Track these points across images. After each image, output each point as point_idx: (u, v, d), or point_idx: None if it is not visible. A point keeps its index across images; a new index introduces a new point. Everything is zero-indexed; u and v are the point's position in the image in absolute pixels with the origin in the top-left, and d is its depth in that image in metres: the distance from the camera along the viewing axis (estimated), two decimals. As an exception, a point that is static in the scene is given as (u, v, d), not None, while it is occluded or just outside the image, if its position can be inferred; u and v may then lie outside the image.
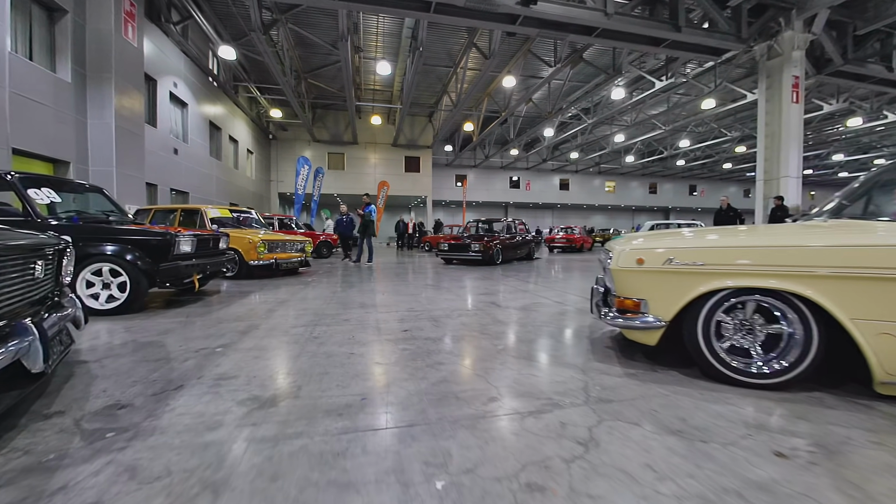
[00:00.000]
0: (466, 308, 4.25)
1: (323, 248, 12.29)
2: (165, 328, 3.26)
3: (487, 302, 4.63)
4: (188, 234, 4.24)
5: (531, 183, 33.74)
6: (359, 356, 2.53)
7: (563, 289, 5.81)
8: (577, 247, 16.87)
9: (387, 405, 1.82)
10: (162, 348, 2.69)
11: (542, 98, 22.46)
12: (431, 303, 4.55)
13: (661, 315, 2.20)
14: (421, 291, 5.47)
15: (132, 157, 10.23)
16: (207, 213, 7.04)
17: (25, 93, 8.00)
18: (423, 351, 2.65)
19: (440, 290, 5.66)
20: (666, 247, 2.20)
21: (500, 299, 4.83)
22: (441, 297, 5.01)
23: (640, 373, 2.26)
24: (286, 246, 7.24)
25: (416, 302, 4.60)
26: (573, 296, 5.14)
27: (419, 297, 4.99)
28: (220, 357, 2.50)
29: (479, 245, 9.55)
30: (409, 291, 5.46)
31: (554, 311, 4.09)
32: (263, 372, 2.24)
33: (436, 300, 4.74)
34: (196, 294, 5.00)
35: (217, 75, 16.17)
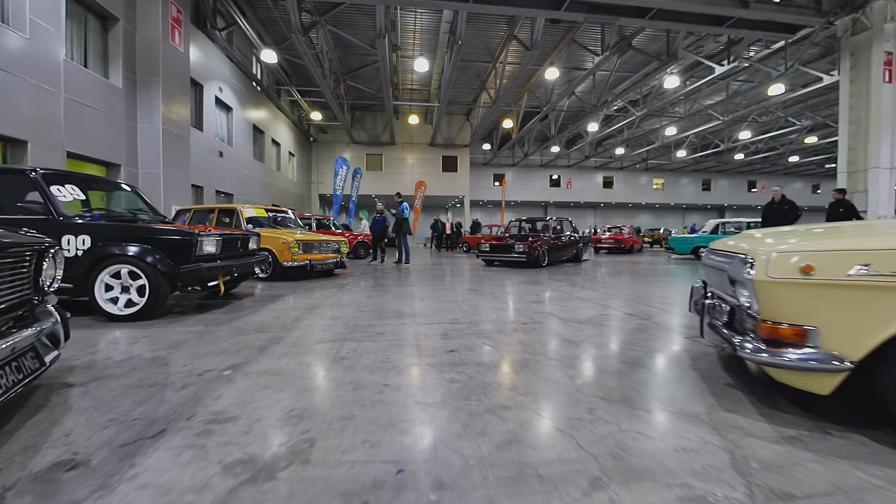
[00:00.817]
0: (520, 320, 3.57)
1: (360, 249, 11.98)
2: (178, 339, 2.83)
3: (544, 312, 3.92)
4: (212, 234, 3.85)
5: (572, 181, 32.26)
6: (394, 390, 1.94)
7: (629, 296, 4.98)
8: (627, 248, 15.60)
9: (434, 487, 1.20)
10: (163, 369, 2.23)
11: (586, 91, 21.25)
12: (477, 312, 3.91)
13: (844, 351, 1.43)
14: (464, 298, 4.84)
15: (178, 160, 10.35)
16: (243, 212, 6.80)
17: (80, 98, 8.18)
18: (476, 385, 2.01)
19: (485, 296, 5.00)
20: (855, 248, 1.43)
21: (557, 309, 4.10)
22: (487, 304, 4.35)
23: (804, 435, 1.50)
24: (321, 247, 6.87)
25: (459, 311, 3.98)
26: (645, 306, 4.32)
27: (462, 304, 4.36)
28: (224, 385, 1.99)
29: (523, 246, 8.80)
30: (450, 298, 4.85)
31: (630, 327, 3.32)
32: (270, 412, 1.69)
33: (482, 309, 4.09)
34: (223, 298, 4.65)
35: (260, 80, 16.40)
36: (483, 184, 30.32)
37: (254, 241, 4.85)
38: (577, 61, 18.53)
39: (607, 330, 3.22)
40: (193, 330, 3.13)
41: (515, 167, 30.86)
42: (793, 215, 7.92)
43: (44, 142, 7.35)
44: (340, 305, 4.25)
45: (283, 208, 7.75)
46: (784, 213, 7.92)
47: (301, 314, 3.77)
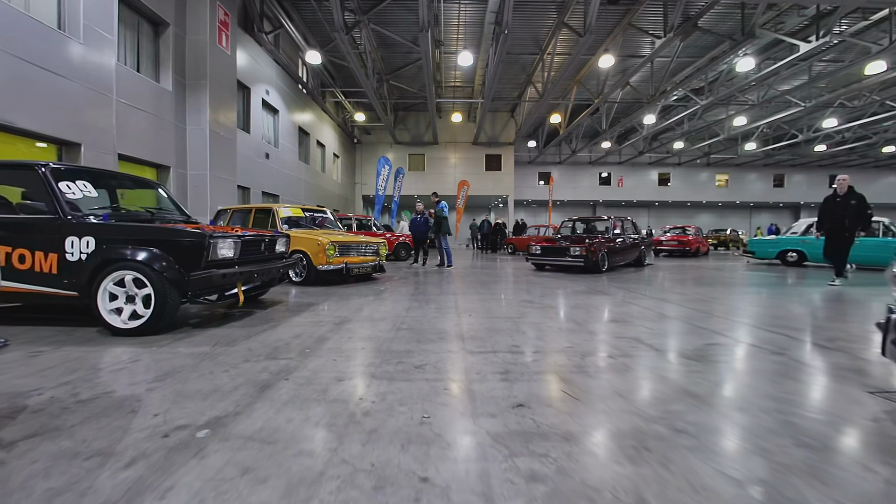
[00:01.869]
0: (602, 350, 2.70)
1: (401, 251, 11.43)
2: (172, 367, 2.26)
3: (629, 338, 3.00)
4: (229, 235, 3.31)
5: (624, 179, 30.13)
6: (437, 491, 1.18)
7: (731, 314, 3.90)
8: (692, 251, 13.91)
9: None
10: (126, 419, 1.62)
11: (642, 80, 19.56)
12: (541, 335, 3.07)
13: None
14: (519, 312, 4.00)
15: (225, 161, 10.31)
16: (279, 212, 6.38)
17: (131, 102, 8.22)
18: (574, 492, 1.20)
19: (545, 310, 4.14)
20: None
21: (645, 333, 3.16)
22: (551, 323, 3.50)
23: None
24: (358, 249, 6.30)
25: (517, 332, 3.16)
26: (762, 330, 3.25)
27: (520, 322, 3.53)
28: (188, 461, 1.32)
29: (579, 248, 7.77)
30: (503, 312, 4.03)
31: (766, 367, 2.34)
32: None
33: (546, 330, 3.24)
34: (244, 308, 4.13)
35: (306, 82, 16.42)
36: (527, 183, 29.06)
37: (282, 242, 4.32)
38: (634, 48, 16.99)
39: (733, 372, 2.27)
40: (196, 352, 2.56)
41: (562, 165, 29.29)
42: (860, 213, 5.97)
43: (96, 144, 7.38)
44: (374, 320, 3.57)
45: (323, 208, 7.30)
46: (849, 210, 6.00)
47: (327, 332, 3.12)
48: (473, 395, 1.90)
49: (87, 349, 2.60)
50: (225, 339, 2.89)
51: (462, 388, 1.97)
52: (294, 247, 5.87)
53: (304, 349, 2.64)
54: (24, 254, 3.00)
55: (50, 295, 3.02)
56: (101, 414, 1.67)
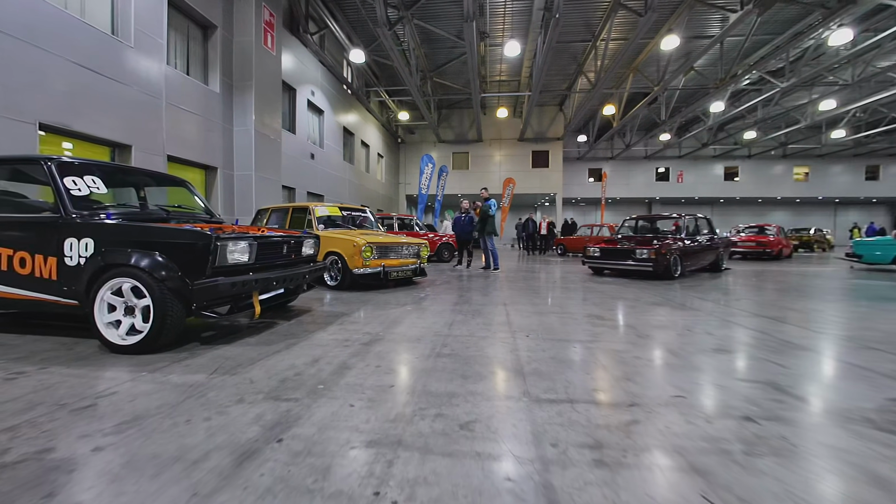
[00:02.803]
0: (730, 404, 1.84)
1: (444, 252, 10.80)
2: (144, 409, 1.73)
3: (758, 381, 2.10)
4: (243, 237, 2.80)
5: (684, 173, 27.58)
6: None
7: (890, 343, 2.83)
8: (774, 253, 12.05)
9: None
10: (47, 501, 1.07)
11: (709, 63, 17.60)
12: (630, 372, 2.25)
13: None
14: (591, 334, 3.18)
15: (270, 161, 10.24)
16: (315, 211, 5.96)
17: (180, 104, 8.26)
18: None
19: (624, 332, 3.28)
20: None
21: (775, 373, 2.23)
22: (639, 353, 2.65)
23: None
24: (398, 250, 5.72)
25: (596, 367, 2.36)
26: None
27: (595, 349, 2.72)
28: None
29: (647, 251, 6.69)
30: (570, 333, 3.22)
31: None
32: None
33: (634, 364, 2.41)
34: (266, 318, 3.65)
35: (350, 83, 16.31)
36: (576, 180, 27.43)
37: (310, 244, 3.79)
38: (701, 26, 15.22)
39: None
40: (188, 382, 2.03)
41: (614, 160, 27.34)
42: None
43: (146, 146, 7.41)
44: (410, 340, 2.92)
45: (363, 207, 6.83)
46: None
47: (351, 356, 2.51)
48: (555, 495, 1.16)
49: (70, 372, 2.17)
50: (229, 362, 2.36)
51: (536, 482, 1.24)
52: (329, 248, 5.41)
53: (318, 384, 2.02)
54: (25, 257, 2.66)
55: (50, 303, 2.66)
56: (6, 496, 1.14)
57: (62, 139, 6.22)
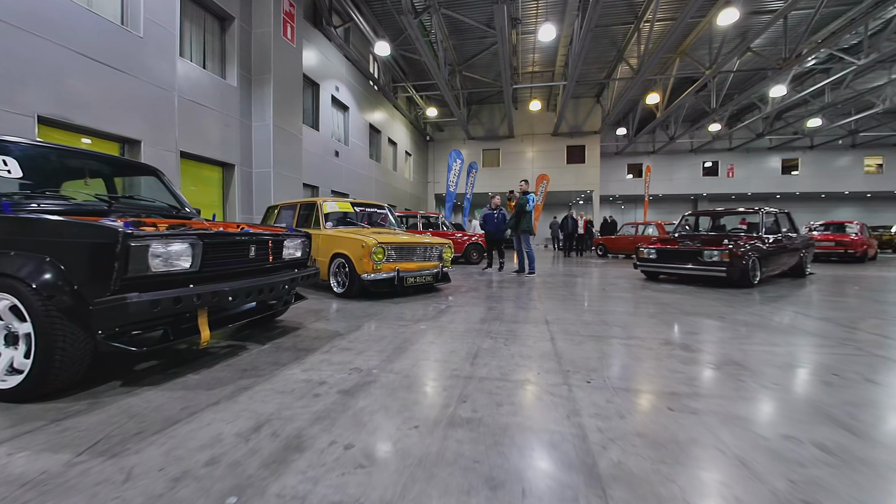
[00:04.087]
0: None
1: (472, 252, 9.81)
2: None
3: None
4: (183, 234, 1.96)
5: (735, 167, 25.06)
6: None
7: None
8: (858, 254, 10.15)
9: None
10: None
11: (769, 43, 15.60)
12: (798, 478, 1.21)
13: None
14: (684, 378, 2.10)
15: (290, 158, 9.64)
16: (323, 206, 5.15)
17: (194, 98, 7.75)
18: None
19: (726, 373, 2.18)
20: None
21: None
22: (782, 422, 1.57)
23: None
24: (416, 252, 4.80)
25: (718, 448, 1.33)
26: None
27: (705, 412, 1.66)
28: None
29: (719, 252, 5.41)
30: (650, 375, 2.16)
31: None
32: None
33: (785, 449, 1.35)
34: (231, 342, 2.82)
35: (377, 78, 15.65)
36: (613, 176, 25.56)
37: (296, 245, 2.94)
38: (759, 0, 13.38)
39: None
40: (28, 474, 1.19)
41: (656, 154, 25.24)
42: None
43: (158, 142, 6.93)
44: (412, 386, 1.97)
45: (382, 203, 5.98)
46: None
47: (313, 420, 1.58)
48: None
49: None
50: (130, 424, 1.51)
51: None
52: (335, 249, 4.58)
53: (230, 492, 1.12)
54: None
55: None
56: None
57: (63, 133, 5.77)
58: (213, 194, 8.64)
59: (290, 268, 2.87)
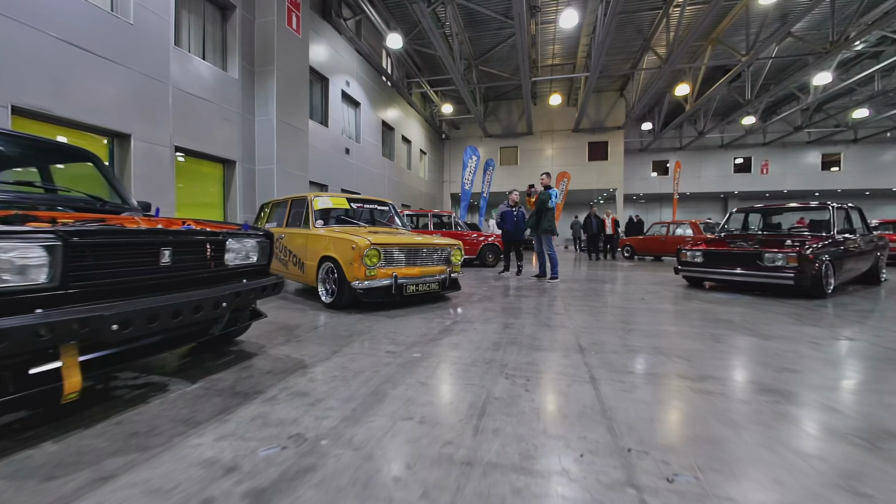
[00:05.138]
0: None
1: (488, 254, 8.97)
2: None
3: None
4: (28, 233, 1.24)
5: (769, 163, 23.30)
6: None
7: None
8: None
9: None
10: None
11: (811, 27, 14.19)
12: None
13: None
14: (820, 458, 1.25)
15: (295, 155, 9.03)
16: (314, 202, 4.44)
17: (191, 90, 7.18)
18: None
19: (867, 437, 1.31)
20: None
21: None
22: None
23: None
24: (419, 255, 4.03)
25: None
26: None
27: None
28: None
29: (784, 255, 4.42)
30: (756, 442, 1.31)
31: None
32: None
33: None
34: (146, 383, 2.10)
35: (390, 74, 14.99)
36: (636, 174, 24.18)
37: (248, 248, 2.21)
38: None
39: None
40: None
41: (682, 151, 23.74)
42: None
43: (149, 136, 6.39)
44: (380, 465, 1.19)
45: (384, 200, 5.23)
46: None
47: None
48: None
49: None
50: None
51: None
52: (323, 251, 3.86)
53: None
54: None
55: None
56: None
57: (42, 125, 5.26)
58: (214, 192, 8.10)
59: (238, 277, 2.14)
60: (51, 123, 5.32)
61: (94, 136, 5.93)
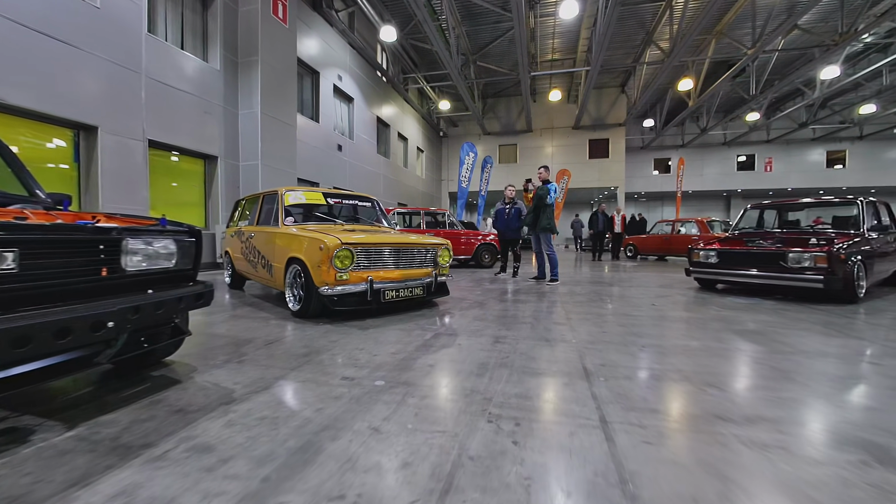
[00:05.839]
0: None
1: (484, 254, 8.47)
2: None
3: None
4: None
5: (773, 161, 22.74)
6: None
7: None
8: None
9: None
10: None
11: (819, 19, 13.65)
12: None
13: None
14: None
15: (281, 150, 8.53)
16: (285, 196, 3.94)
17: (166, 80, 6.66)
18: None
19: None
20: None
21: None
22: None
23: None
24: (399, 256, 3.52)
25: None
26: None
27: None
28: None
29: (811, 256, 3.91)
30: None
31: None
32: None
33: None
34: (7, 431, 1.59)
35: (385, 69, 14.47)
36: (637, 172, 23.62)
37: (158, 249, 1.71)
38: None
39: None
40: None
41: (684, 148, 23.19)
42: None
43: (119, 129, 5.89)
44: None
45: (367, 195, 4.72)
46: None
47: None
48: None
49: None
50: None
51: None
52: (290, 252, 3.36)
53: None
54: None
55: None
56: None
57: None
58: (194, 190, 7.62)
59: (145, 286, 1.64)
60: (5, 114, 4.84)
61: (58, 129, 5.45)
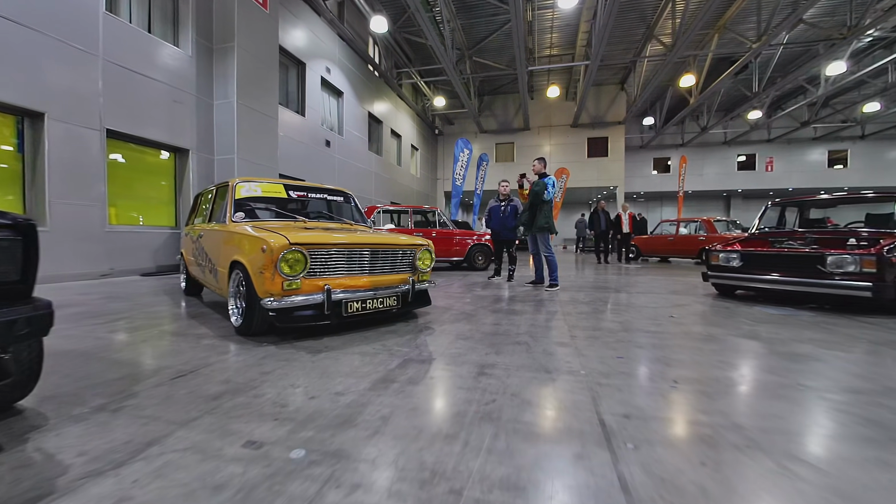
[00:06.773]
0: None
1: (477, 256, 7.84)
2: None
3: None
4: None
5: (774, 160, 22.21)
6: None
7: None
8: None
9: None
10: None
11: (825, 13, 13.10)
12: None
13: None
14: None
15: (260, 143, 7.86)
16: (237, 190, 3.29)
17: (127, 64, 6.00)
18: None
19: None
20: None
21: None
22: None
23: None
24: (365, 261, 2.87)
25: None
26: None
27: None
28: None
29: (856, 259, 3.30)
30: None
31: None
32: None
33: None
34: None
35: (377, 63, 13.83)
36: (636, 172, 23.06)
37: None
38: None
39: None
40: None
41: (684, 147, 22.64)
42: None
43: (70, 116, 5.21)
44: None
45: (342, 189, 4.07)
46: None
47: None
48: None
49: None
50: None
51: None
52: (234, 255, 2.72)
53: None
54: None
55: None
56: None
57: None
58: (162, 185, 6.96)
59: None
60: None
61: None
